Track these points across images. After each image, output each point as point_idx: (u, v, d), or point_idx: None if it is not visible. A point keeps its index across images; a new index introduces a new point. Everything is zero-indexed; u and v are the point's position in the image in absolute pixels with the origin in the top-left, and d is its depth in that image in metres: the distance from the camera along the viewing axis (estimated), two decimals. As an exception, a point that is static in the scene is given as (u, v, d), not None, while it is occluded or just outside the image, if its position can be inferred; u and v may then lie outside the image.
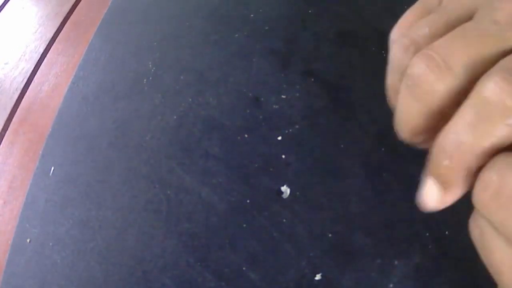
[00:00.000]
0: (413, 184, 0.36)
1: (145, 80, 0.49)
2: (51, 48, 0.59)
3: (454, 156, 0.15)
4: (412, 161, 0.36)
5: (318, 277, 0.34)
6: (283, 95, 0.43)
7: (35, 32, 0.61)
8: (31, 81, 0.56)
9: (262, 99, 0.44)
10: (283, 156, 0.40)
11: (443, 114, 0.16)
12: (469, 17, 0.17)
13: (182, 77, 0.48)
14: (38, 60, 0.57)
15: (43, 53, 0.58)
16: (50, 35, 0.60)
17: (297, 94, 0.43)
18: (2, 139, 0.51)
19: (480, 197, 0.15)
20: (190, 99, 0.46)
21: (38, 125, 0.51)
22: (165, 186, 0.41)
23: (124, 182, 0.42)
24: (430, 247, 0.33)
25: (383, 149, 0.38)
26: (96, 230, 0.40)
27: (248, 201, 0.38)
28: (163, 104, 0.46)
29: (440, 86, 0.16)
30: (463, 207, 0.17)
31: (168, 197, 0.40)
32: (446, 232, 0.33)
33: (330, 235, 0.35)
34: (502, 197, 0.14)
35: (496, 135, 0.14)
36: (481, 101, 0.14)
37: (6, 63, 0.58)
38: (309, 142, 0.40)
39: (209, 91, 0.46)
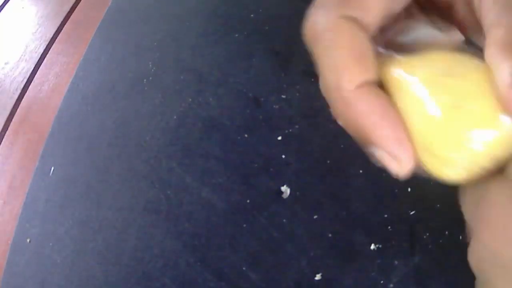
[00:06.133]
0: (413, 184, 0.36)
1: (145, 80, 0.49)
2: (51, 48, 0.59)
3: None
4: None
5: (318, 277, 0.34)
6: (283, 95, 0.43)
7: (35, 32, 0.61)
8: (31, 81, 0.56)
9: (262, 99, 0.44)
10: (283, 156, 0.40)
11: None
12: None
13: (182, 77, 0.48)
14: (38, 60, 0.57)
15: (43, 53, 0.58)
16: (50, 35, 0.60)
17: (297, 94, 0.43)
18: (2, 139, 0.51)
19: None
20: (190, 99, 0.46)
21: (38, 125, 0.51)
22: (165, 186, 0.41)
23: (124, 182, 0.42)
24: (430, 247, 0.33)
25: (383, 149, 0.38)
26: (96, 230, 0.40)
27: (248, 201, 0.38)
28: (163, 104, 0.46)
29: None
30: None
31: (168, 197, 0.40)
32: (446, 232, 0.33)
33: (330, 235, 0.35)
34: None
35: None
36: None
37: (6, 63, 0.58)
38: (309, 142, 0.40)
39: (209, 91, 0.46)
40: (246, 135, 0.42)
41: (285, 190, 0.38)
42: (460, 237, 0.33)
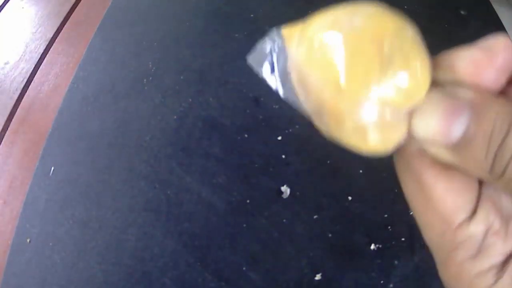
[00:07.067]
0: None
1: (145, 80, 0.49)
2: (51, 48, 0.59)
3: None
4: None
5: (318, 277, 0.34)
6: (283, 95, 0.43)
7: (35, 32, 0.61)
8: (31, 81, 0.56)
9: (262, 99, 0.44)
10: (283, 156, 0.40)
11: None
12: None
13: (182, 77, 0.48)
14: (38, 60, 0.57)
15: (43, 53, 0.58)
16: (50, 35, 0.60)
17: (297, 94, 0.43)
18: (2, 139, 0.51)
19: None
20: (190, 99, 0.46)
21: (38, 125, 0.51)
22: (165, 186, 0.41)
23: (124, 182, 0.42)
24: (430, 247, 0.33)
25: (383, 149, 0.38)
26: (96, 230, 0.40)
27: (248, 201, 0.38)
28: (163, 104, 0.46)
29: None
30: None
31: (168, 197, 0.40)
32: (446, 232, 0.33)
33: (330, 235, 0.35)
34: None
35: None
36: None
37: (6, 63, 0.58)
38: (309, 142, 0.40)
39: (209, 91, 0.46)
40: (246, 135, 0.42)
41: (285, 190, 0.38)
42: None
